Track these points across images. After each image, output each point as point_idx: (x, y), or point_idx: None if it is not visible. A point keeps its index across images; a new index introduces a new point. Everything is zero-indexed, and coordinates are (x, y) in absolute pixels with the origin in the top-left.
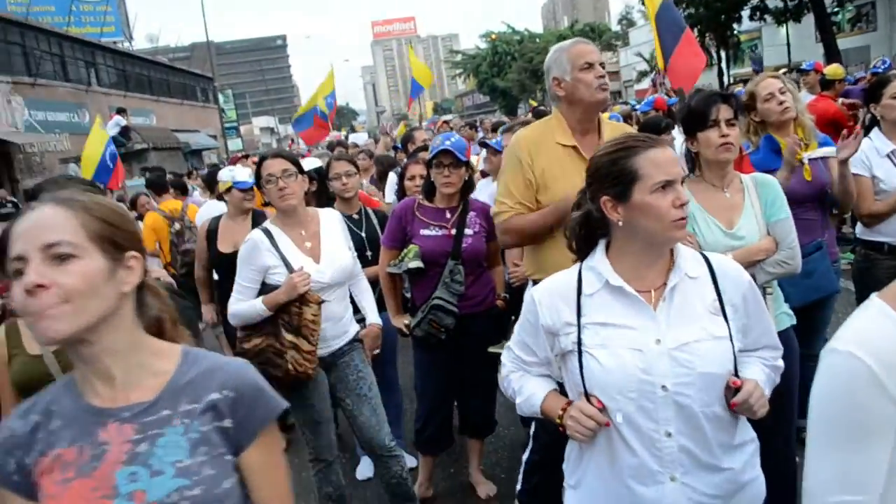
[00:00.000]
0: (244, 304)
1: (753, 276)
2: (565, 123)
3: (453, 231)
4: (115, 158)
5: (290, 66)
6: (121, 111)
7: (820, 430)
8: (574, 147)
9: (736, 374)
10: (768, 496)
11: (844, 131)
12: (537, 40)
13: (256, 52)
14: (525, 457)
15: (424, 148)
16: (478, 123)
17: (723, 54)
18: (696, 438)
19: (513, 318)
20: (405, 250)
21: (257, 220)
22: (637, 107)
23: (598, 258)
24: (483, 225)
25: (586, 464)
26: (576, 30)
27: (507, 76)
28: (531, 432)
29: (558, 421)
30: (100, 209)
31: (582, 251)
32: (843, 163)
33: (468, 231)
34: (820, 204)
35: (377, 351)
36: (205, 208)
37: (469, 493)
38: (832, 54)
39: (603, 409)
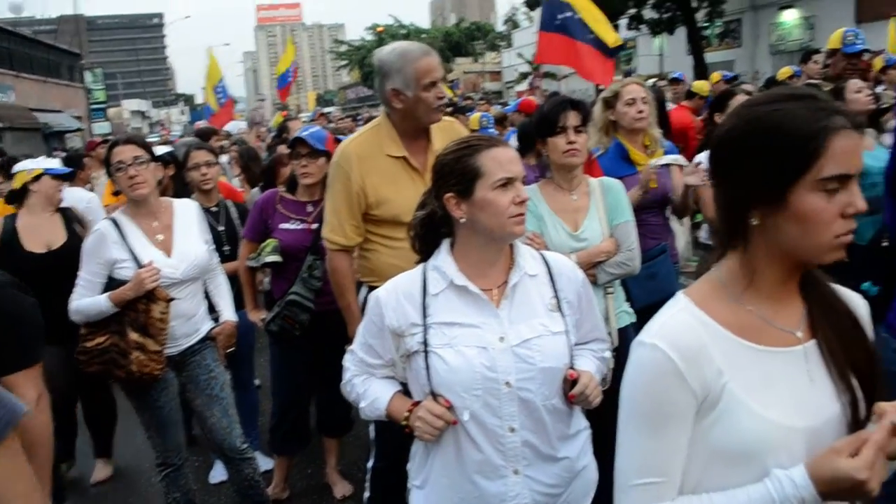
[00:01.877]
0: (87, 299)
1: (595, 277)
2: (395, 133)
3: (314, 225)
4: None
5: (167, 46)
6: None
7: (627, 417)
8: (404, 158)
9: (571, 367)
10: (604, 481)
11: (692, 163)
12: (423, 36)
13: (131, 29)
14: (369, 464)
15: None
16: (359, 116)
17: None
18: (537, 432)
19: None
20: (264, 244)
21: (67, 215)
22: (506, 108)
23: (443, 257)
24: None
25: (432, 462)
26: (462, 27)
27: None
28: (371, 439)
29: (404, 422)
30: None
31: (424, 251)
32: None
33: None
34: (663, 209)
35: (231, 349)
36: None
37: (326, 493)
38: (701, 67)
39: (450, 408)
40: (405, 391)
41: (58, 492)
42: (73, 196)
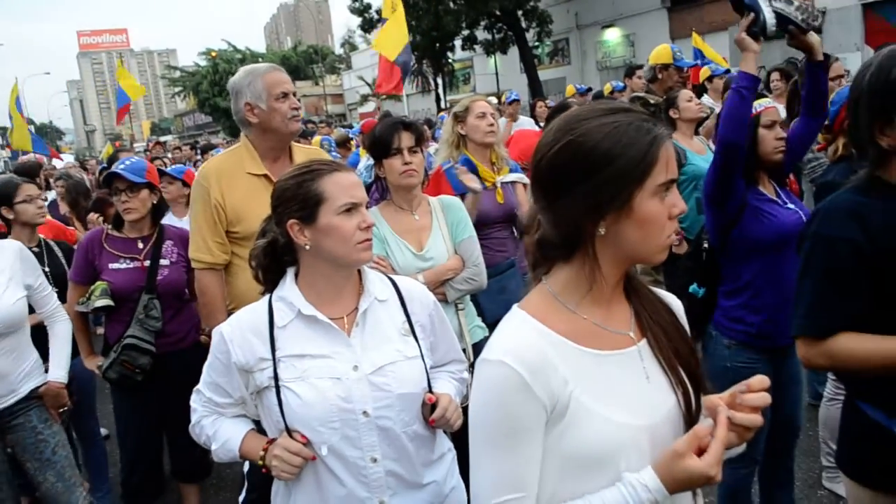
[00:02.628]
0: None
1: (445, 295)
2: (255, 151)
3: (146, 262)
4: None
5: None
6: None
7: (478, 436)
8: (265, 175)
9: (430, 391)
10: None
11: None
12: (260, 60)
13: None
14: (241, 497)
15: None
16: (198, 144)
17: (440, 80)
18: (400, 460)
19: None
20: (92, 287)
21: None
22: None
23: (288, 287)
24: (181, 254)
25: (294, 501)
26: (299, 51)
27: (229, 96)
28: (244, 471)
29: (260, 462)
30: None
31: (269, 281)
32: None
33: (164, 261)
34: (510, 224)
35: (64, 408)
36: None
37: None
38: (535, 84)
39: (307, 444)
40: (259, 429)
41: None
42: None
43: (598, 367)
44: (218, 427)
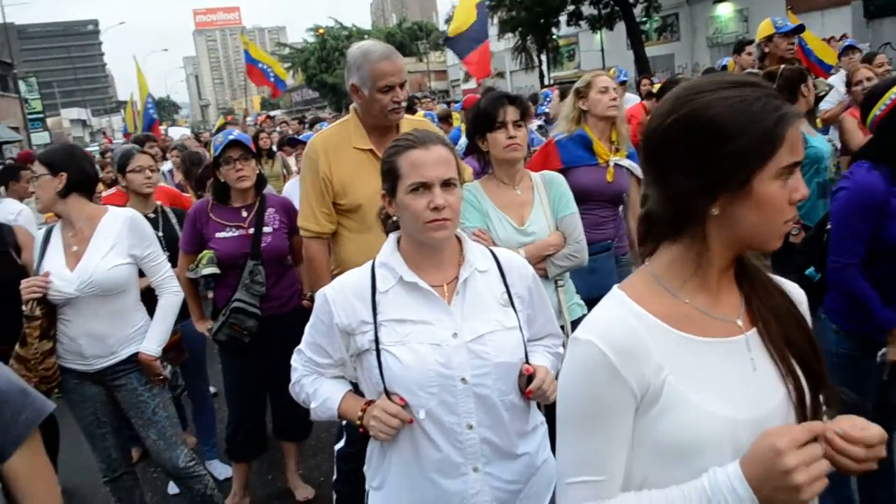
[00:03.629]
0: None
1: (545, 270)
2: (361, 126)
3: (251, 230)
4: None
5: (104, 54)
6: None
7: (564, 414)
8: (371, 150)
9: (527, 362)
10: None
11: None
12: (366, 37)
13: (65, 37)
14: (338, 447)
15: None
16: (305, 119)
17: (543, 57)
18: (495, 428)
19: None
20: (199, 255)
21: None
22: (456, 106)
23: (390, 253)
24: (283, 221)
25: (389, 463)
26: (404, 28)
27: (336, 72)
28: (343, 424)
29: (358, 422)
30: None
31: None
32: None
33: (267, 229)
34: (614, 206)
35: (161, 378)
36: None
37: (287, 498)
38: (641, 61)
39: (405, 406)
40: (356, 390)
41: None
42: (4, 208)
43: (697, 355)
44: (318, 386)
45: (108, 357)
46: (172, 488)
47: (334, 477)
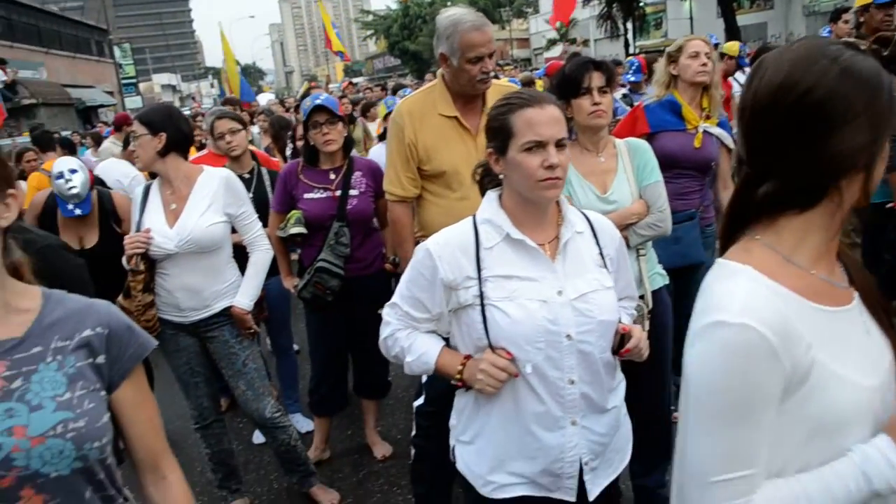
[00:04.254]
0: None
1: (626, 239)
2: (448, 93)
3: (338, 192)
4: None
5: (193, 20)
6: (1, 62)
7: (708, 406)
8: (456, 118)
9: (619, 321)
10: (643, 436)
11: None
12: (449, 3)
13: (156, 3)
14: (417, 404)
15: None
16: (387, 86)
17: (629, 25)
18: (593, 383)
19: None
20: (288, 216)
21: (104, 208)
22: (538, 73)
23: (494, 211)
24: (370, 184)
25: (486, 417)
26: None
27: (419, 39)
28: (422, 381)
29: (457, 376)
30: None
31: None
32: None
33: (353, 192)
34: (701, 174)
35: (250, 332)
36: (105, 166)
37: (365, 453)
38: (732, 30)
39: (512, 361)
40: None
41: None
42: (119, 170)
43: (832, 326)
44: (413, 340)
45: (203, 310)
46: (257, 438)
47: (413, 433)
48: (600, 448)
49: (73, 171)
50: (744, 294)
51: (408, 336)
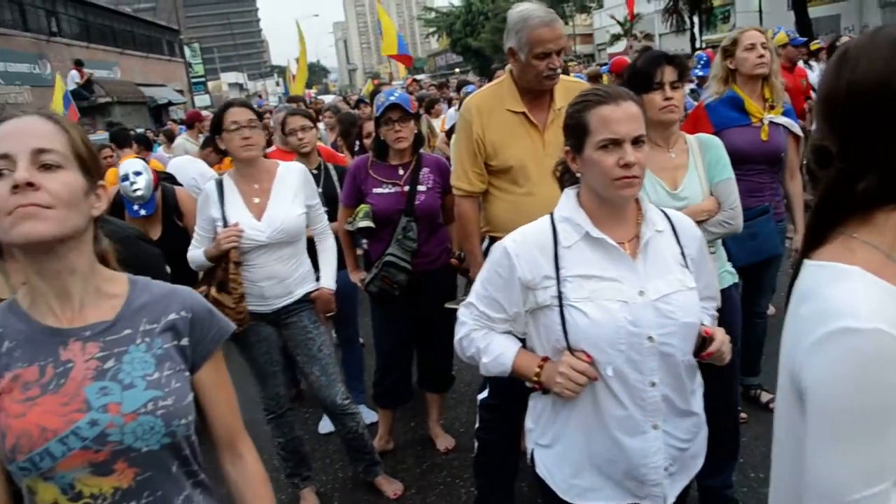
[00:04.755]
0: (194, 251)
1: None
2: (516, 89)
3: (406, 188)
4: (68, 104)
5: (260, 20)
6: (78, 63)
7: (841, 424)
8: (524, 113)
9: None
10: (710, 436)
11: None
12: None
13: (224, 4)
14: (481, 397)
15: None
16: (449, 84)
17: (696, 19)
18: (675, 386)
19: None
20: (357, 209)
21: (168, 204)
22: (603, 69)
23: (572, 208)
24: (437, 181)
25: (565, 421)
26: None
27: (481, 36)
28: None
29: (535, 378)
30: (80, 133)
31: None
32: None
33: (421, 188)
34: (771, 169)
35: (331, 313)
36: (179, 163)
37: (428, 446)
38: (803, 23)
39: (592, 363)
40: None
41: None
42: (196, 169)
43: None
44: (490, 341)
45: (285, 297)
46: (323, 428)
47: (476, 425)
48: (679, 454)
49: (137, 174)
50: (865, 296)
51: (484, 336)
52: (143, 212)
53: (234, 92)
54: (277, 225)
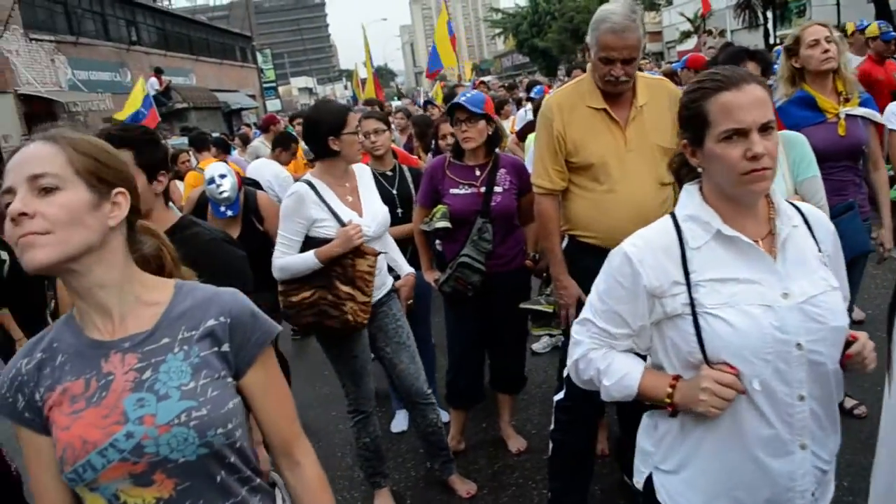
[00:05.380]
0: (293, 257)
1: None
2: (595, 85)
3: (482, 189)
4: (149, 106)
5: (329, 24)
6: (158, 71)
7: None
8: (605, 110)
9: None
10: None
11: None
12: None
13: (295, 10)
14: (557, 398)
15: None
16: (517, 83)
17: (769, 14)
18: (823, 400)
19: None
20: (434, 210)
21: (248, 205)
22: (674, 65)
23: (698, 205)
24: (513, 182)
25: (695, 444)
26: None
27: (548, 36)
28: (563, 375)
29: (667, 399)
30: (86, 145)
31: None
32: None
33: (497, 189)
34: (853, 162)
35: (410, 302)
36: (257, 166)
37: (500, 446)
38: (884, 14)
39: (737, 376)
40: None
41: None
42: (270, 170)
43: None
44: (610, 361)
45: (381, 288)
46: (395, 426)
47: (552, 427)
48: (822, 475)
49: (222, 177)
50: None
51: (604, 356)
52: (229, 213)
53: (304, 96)
54: (380, 219)
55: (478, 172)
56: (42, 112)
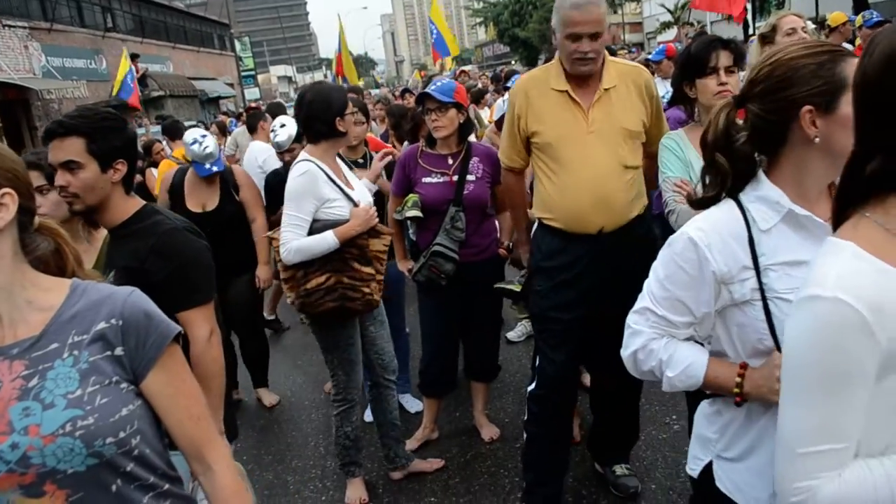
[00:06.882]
0: (310, 238)
1: None
2: (561, 68)
3: (455, 178)
4: (133, 78)
5: (308, 13)
6: (133, 57)
7: (799, 378)
8: (566, 91)
9: None
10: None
11: None
12: None
13: None
14: (529, 389)
15: None
16: (500, 75)
17: (749, 6)
18: None
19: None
20: (405, 199)
21: (225, 177)
22: (650, 56)
23: (766, 186)
24: (486, 170)
25: (762, 430)
26: None
27: (528, 26)
28: (535, 366)
29: (736, 389)
30: None
31: (740, 178)
32: None
33: (470, 177)
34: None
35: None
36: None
37: (473, 435)
38: (861, 7)
39: None
40: None
41: (231, 420)
42: (258, 147)
43: None
44: (673, 351)
45: None
46: (368, 416)
47: (524, 417)
48: None
49: (203, 136)
50: (840, 269)
51: (665, 347)
52: (214, 168)
53: (284, 84)
54: (368, 198)
55: (450, 161)
56: (16, 99)
